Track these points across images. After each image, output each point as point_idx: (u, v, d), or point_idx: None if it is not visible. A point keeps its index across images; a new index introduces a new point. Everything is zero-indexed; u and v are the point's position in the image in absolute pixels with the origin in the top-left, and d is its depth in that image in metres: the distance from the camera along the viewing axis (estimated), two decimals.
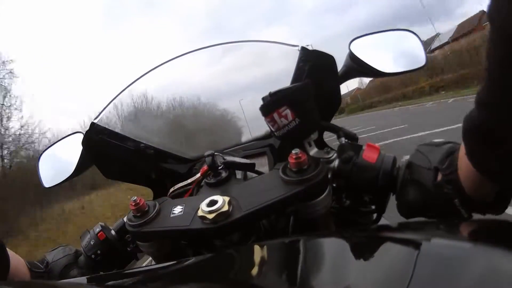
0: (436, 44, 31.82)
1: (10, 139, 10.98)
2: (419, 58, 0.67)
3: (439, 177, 0.43)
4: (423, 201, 0.45)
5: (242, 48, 0.73)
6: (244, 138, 0.79)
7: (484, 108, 0.31)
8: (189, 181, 0.55)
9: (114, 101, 0.70)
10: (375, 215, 0.54)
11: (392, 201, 0.50)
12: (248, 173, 0.55)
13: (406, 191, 0.46)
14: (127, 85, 0.71)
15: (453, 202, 0.42)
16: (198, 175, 0.53)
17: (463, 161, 0.39)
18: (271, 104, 0.49)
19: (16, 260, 0.51)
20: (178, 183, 0.56)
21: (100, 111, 0.64)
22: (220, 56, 0.76)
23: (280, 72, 0.71)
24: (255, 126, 0.77)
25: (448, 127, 6.14)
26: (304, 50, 0.57)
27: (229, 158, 0.52)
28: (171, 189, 0.57)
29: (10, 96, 11.04)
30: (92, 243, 0.57)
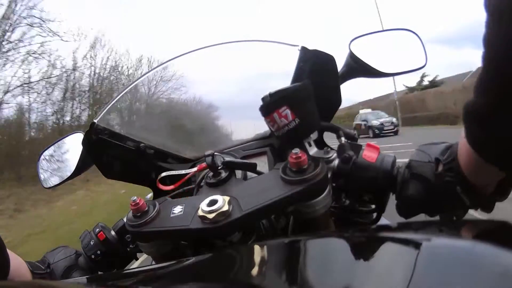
0: None
1: None
2: (419, 58, 0.67)
3: (440, 167, 0.44)
4: (425, 193, 0.45)
5: (242, 47, 0.73)
6: (244, 138, 0.79)
7: (481, 94, 0.32)
8: (183, 171, 0.54)
9: (115, 101, 0.70)
10: (375, 215, 0.54)
11: (392, 201, 0.50)
12: (248, 173, 0.55)
13: (407, 186, 0.46)
14: (129, 86, 0.71)
15: (455, 191, 0.42)
16: (195, 168, 0.53)
17: (463, 147, 0.40)
18: (271, 104, 0.49)
19: (17, 261, 0.51)
20: (177, 183, 0.56)
21: (100, 111, 0.64)
22: (220, 56, 0.76)
23: (280, 72, 0.71)
24: (255, 126, 0.77)
25: None
26: (304, 50, 0.56)
27: (229, 158, 0.52)
28: (162, 174, 0.56)
29: None
30: (92, 243, 0.57)
